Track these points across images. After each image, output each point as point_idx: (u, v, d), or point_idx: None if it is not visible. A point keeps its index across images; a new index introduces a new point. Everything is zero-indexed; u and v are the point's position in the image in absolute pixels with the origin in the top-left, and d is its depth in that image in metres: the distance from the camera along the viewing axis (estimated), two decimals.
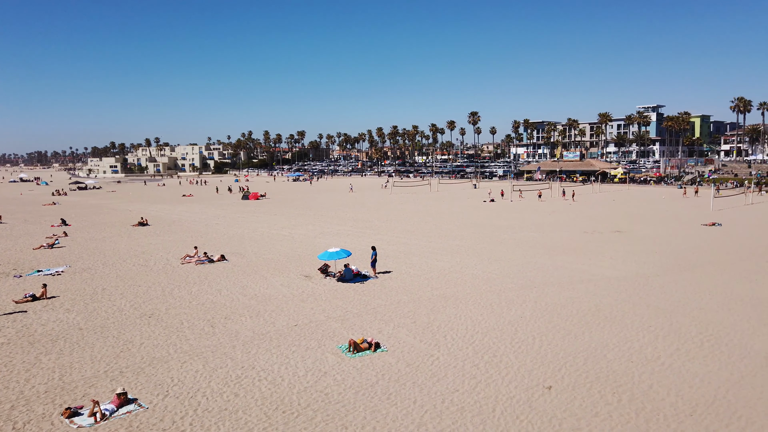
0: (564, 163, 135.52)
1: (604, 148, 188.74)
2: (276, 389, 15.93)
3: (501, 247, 39.17)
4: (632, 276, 29.44)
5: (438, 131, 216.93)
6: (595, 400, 14.93)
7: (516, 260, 34.15)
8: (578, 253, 36.17)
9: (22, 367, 17.76)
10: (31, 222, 58.41)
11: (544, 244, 39.89)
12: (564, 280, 28.78)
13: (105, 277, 30.85)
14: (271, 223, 54.68)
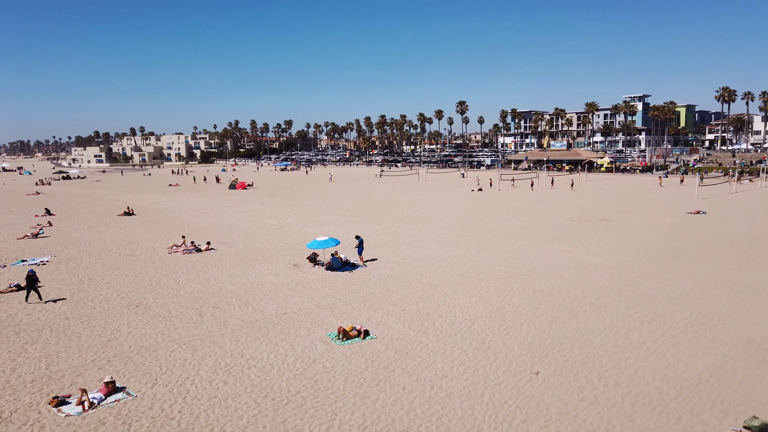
0: (551, 152, 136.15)
1: (590, 137, 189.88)
2: (265, 377, 15.95)
3: (489, 235, 39.35)
4: (618, 263, 29.75)
5: (426, 121, 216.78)
6: (582, 385, 15.12)
7: (503, 248, 34.35)
8: (565, 241, 36.46)
9: (7, 356, 17.60)
10: (14, 212, 57.65)
11: (531, 233, 40.14)
12: (551, 267, 29.02)
13: (91, 266, 30.57)
14: (259, 213, 54.44)
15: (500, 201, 62.87)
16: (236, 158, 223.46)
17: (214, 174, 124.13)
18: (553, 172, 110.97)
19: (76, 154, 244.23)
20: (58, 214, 54.37)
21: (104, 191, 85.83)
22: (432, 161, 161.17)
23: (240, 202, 65.77)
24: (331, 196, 71.09)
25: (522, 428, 12.86)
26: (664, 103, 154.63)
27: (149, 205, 63.30)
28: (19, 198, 74.64)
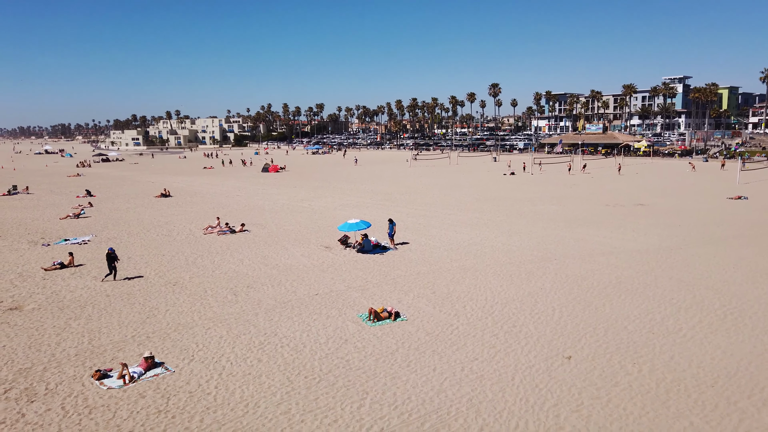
0: (586, 135, 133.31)
1: (627, 120, 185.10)
2: (298, 355, 16.25)
3: (521, 219, 38.96)
4: (654, 249, 29.13)
5: (458, 104, 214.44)
6: (615, 371, 14.96)
7: (536, 233, 33.98)
8: (599, 226, 35.84)
9: (53, 331, 18.34)
10: (57, 193, 59.54)
11: (564, 217, 39.57)
12: (584, 252, 28.60)
13: (130, 246, 31.47)
14: (291, 195, 55.00)
15: (533, 185, 62.04)
16: (268, 142, 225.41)
17: (241, 158, 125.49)
18: (589, 156, 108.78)
19: (115, 137, 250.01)
20: (98, 195, 55.96)
21: (142, 173, 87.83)
22: (463, 145, 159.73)
23: (272, 184, 66.53)
24: (362, 180, 71.27)
25: (553, 412, 12.83)
26: (706, 85, 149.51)
27: (185, 187, 64.58)
28: (61, 179, 77.00)
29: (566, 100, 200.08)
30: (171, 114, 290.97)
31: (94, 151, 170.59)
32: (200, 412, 13.05)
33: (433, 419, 12.60)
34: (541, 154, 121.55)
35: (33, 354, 16.50)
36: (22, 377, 14.98)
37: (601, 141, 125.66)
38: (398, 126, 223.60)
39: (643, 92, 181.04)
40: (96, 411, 13.19)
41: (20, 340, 17.53)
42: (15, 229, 37.08)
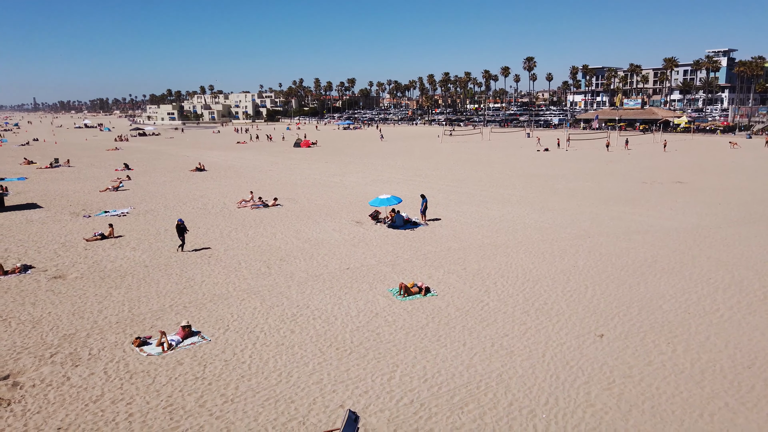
0: (624, 111, 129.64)
1: (668, 95, 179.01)
2: (330, 327, 16.52)
3: (554, 196, 38.39)
4: (692, 227, 28.40)
5: (491, 78, 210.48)
6: (649, 350, 14.79)
7: (570, 210, 33.47)
8: (635, 204, 35.07)
9: (95, 299, 19.03)
10: (96, 166, 61.13)
11: (599, 194, 38.83)
12: (619, 230, 28.09)
13: (167, 218, 32.22)
14: (323, 171, 55.27)
15: (567, 161, 60.89)
16: (300, 117, 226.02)
17: (266, 133, 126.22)
18: (626, 132, 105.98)
19: (151, 111, 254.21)
20: (135, 168, 57.24)
21: (177, 148, 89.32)
22: (496, 120, 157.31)
23: (304, 160, 66.91)
24: (393, 156, 71.06)
25: (584, 389, 12.80)
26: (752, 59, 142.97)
27: (219, 161, 65.49)
28: (100, 153, 78.92)
29: (604, 74, 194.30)
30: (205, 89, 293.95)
31: (131, 126, 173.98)
32: (235, 380, 13.45)
33: (463, 393, 12.72)
34: (576, 130, 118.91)
35: (77, 321, 17.18)
36: (66, 342, 15.64)
37: (639, 117, 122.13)
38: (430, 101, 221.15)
39: (684, 66, 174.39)
40: (136, 376, 13.72)
41: (64, 308, 18.26)
42: (58, 201, 38.32)
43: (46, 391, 13.03)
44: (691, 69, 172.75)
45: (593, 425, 11.38)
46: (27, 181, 49.31)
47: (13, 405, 12.41)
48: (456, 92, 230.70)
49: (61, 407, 12.29)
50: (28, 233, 28.80)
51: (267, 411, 12.10)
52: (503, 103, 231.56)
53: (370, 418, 11.77)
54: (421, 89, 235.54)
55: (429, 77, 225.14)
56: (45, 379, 13.59)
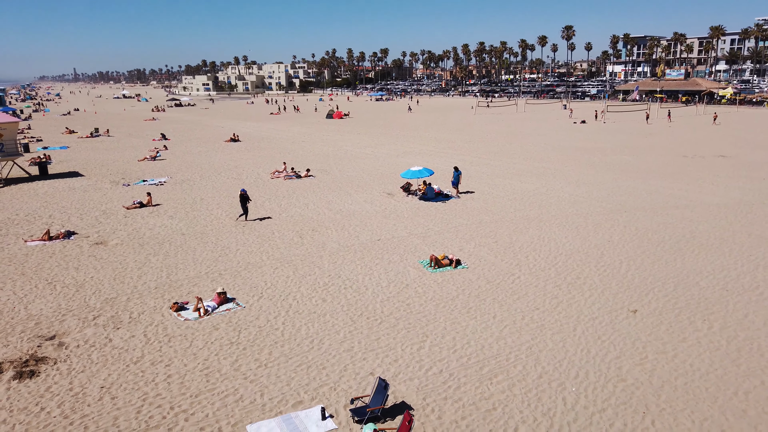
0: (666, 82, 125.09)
1: (713, 66, 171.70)
2: (360, 297, 16.74)
3: (590, 170, 37.60)
4: (734, 203, 27.53)
5: (528, 48, 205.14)
6: (684, 326, 14.56)
7: (606, 184, 32.78)
8: (675, 178, 34.11)
9: (134, 265, 19.67)
10: (134, 136, 62.42)
11: (637, 168, 37.86)
12: (657, 205, 27.42)
13: (202, 188, 32.84)
14: (355, 142, 55.24)
15: (604, 134, 59.37)
16: (332, 88, 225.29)
17: (293, 104, 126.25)
18: (667, 104, 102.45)
19: (186, 82, 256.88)
20: (172, 138, 58.25)
21: (212, 118, 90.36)
22: (532, 91, 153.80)
23: (336, 131, 66.93)
24: (425, 127, 70.46)
25: (615, 364, 12.72)
26: None
27: (252, 132, 66.07)
28: (138, 123, 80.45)
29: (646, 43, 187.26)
30: (239, 60, 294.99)
31: (168, 96, 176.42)
32: (269, 346, 13.81)
33: (492, 364, 12.79)
34: (615, 101, 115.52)
35: (117, 285, 17.82)
36: (108, 306, 16.27)
37: (681, 88, 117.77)
38: (464, 72, 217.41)
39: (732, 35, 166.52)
40: (174, 339, 14.21)
41: (106, 272, 18.94)
42: (98, 170, 39.40)
43: (90, 351, 13.63)
44: (739, 38, 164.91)
45: (623, 399, 11.33)
46: (69, 150, 50.75)
47: (59, 364, 13.04)
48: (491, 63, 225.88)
49: (103, 367, 12.86)
50: (71, 200, 29.78)
51: (299, 376, 12.42)
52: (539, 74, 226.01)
53: (399, 385, 11.97)
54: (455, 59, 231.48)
55: (463, 47, 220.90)
56: (88, 340, 14.21)
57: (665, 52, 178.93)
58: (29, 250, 21.45)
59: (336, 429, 10.57)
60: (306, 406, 11.31)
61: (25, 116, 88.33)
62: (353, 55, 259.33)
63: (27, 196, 31.08)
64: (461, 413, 10.97)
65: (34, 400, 11.57)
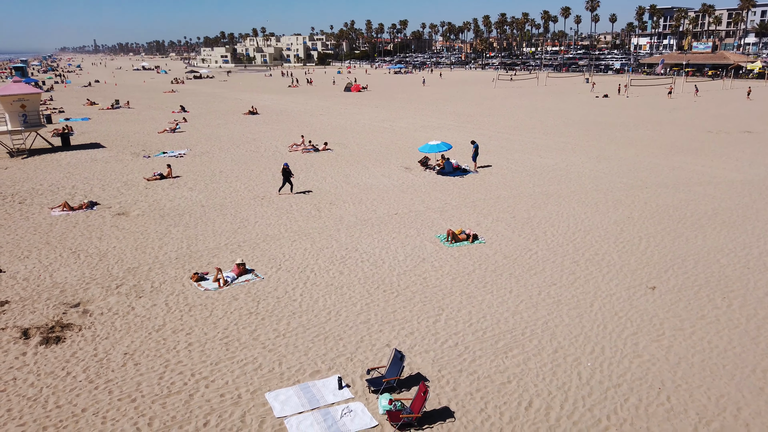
0: (692, 55, 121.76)
1: (742, 38, 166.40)
2: (377, 270, 16.85)
3: (611, 145, 37.02)
4: (760, 179, 26.96)
5: (550, 19, 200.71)
6: (702, 304, 14.45)
7: (627, 159, 32.28)
8: (699, 154, 33.46)
9: (155, 236, 19.99)
10: (154, 108, 62.76)
11: (660, 144, 37.17)
12: (680, 181, 26.99)
13: (221, 160, 33.05)
14: (373, 115, 54.94)
15: (627, 109, 58.22)
16: (351, 60, 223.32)
17: (306, 77, 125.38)
18: (693, 78, 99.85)
19: (205, 54, 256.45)
20: (191, 111, 58.47)
21: (230, 91, 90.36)
22: (554, 65, 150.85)
23: (355, 104, 66.57)
24: (444, 101, 69.74)
25: (632, 340, 12.71)
26: None
27: (271, 105, 66.01)
28: (158, 95, 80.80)
29: (672, 15, 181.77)
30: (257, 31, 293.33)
31: (187, 68, 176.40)
32: (287, 316, 14.03)
33: (507, 338, 12.87)
34: (639, 75, 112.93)
35: (139, 255, 18.15)
36: (130, 275, 16.61)
37: (708, 61, 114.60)
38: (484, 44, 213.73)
39: (763, 6, 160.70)
40: (195, 309, 14.50)
41: (128, 242, 19.29)
42: (119, 141, 39.80)
43: (113, 319, 13.98)
44: None
45: (639, 375, 11.35)
46: (90, 121, 51.26)
47: (84, 330, 13.41)
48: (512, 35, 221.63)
49: (126, 334, 13.20)
50: (93, 171, 30.21)
51: (316, 346, 12.63)
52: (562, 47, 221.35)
53: (415, 357, 12.12)
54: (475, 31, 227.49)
55: (484, 18, 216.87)
56: (112, 308, 14.56)
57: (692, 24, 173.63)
58: (53, 220, 21.90)
59: (352, 398, 10.77)
60: (323, 375, 11.53)
61: (47, 87, 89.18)
62: (372, 27, 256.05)
63: (50, 167, 31.59)
64: (476, 385, 11.10)
65: (60, 365, 11.94)
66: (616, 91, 76.98)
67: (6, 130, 35.12)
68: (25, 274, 16.69)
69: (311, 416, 10.24)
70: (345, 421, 10.08)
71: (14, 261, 17.76)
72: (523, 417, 10.15)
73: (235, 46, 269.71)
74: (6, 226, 21.18)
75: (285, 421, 10.12)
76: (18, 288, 15.78)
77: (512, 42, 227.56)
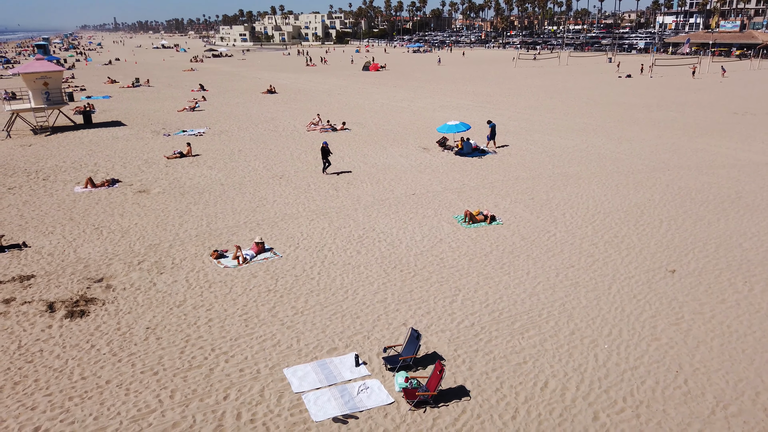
0: (719, 34, 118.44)
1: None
2: (394, 250, 16.91)
3: (634, 126, 36.40)
4: None
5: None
6: (723, 288, 14.29)
7: (649, 141, 31.75)
8: (723, 136, 32.77)
9: (176, 213, 20.25)
10: (174, 86, 63.04)
11: (684, 125, 36.46)
12: (703, 163, 26.51)
13: (240, 139, 33.21)
14: (391, 95, 54.59)
15: (651, 89, 57.06)
16: (369, 39, 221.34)
17: (320, 55, 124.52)
18: (720, 58, 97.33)
19: (224, 32, 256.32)
20: (210, 89, 58.63)
21: (249, 69, 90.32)
22: (576, 44, 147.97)
23: (373, 83, 66.16)
24: (463, 81, 68.97)
25: (650, 323, 12.65)
26: None
27: (289, 84, 65.90)
28: (177, 73, 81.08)
29: None
30: (275, 9, 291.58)
31: (206, 47, 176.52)
32: (305, 294, 14.19)
33: (524, 319, 12.89)
34: (664, 55, 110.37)
35: (160, 232, 18.43)
36: (152, 251, 16.89)
37: (736, 41, 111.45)
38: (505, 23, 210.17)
39: None
40: (215, 285, 14.73)
41: (149, 219, 19.58)
42: (140, 119, 40.15)
43: (135, 294, 14.27)
44: None
45: (657, 358, 11.32)
46: (111, 99, 51.70)
47: (107, 305, 13.71)
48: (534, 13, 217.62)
49: (148, 309, 13.47)
50: (114, 149, 30.57)
51: (334, 324, 12.78)
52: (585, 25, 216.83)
53: (431, 336, 12.21)
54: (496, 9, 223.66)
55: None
56: (134, 283, 14.85)
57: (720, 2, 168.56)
58: (77, 197, 22.27)
59: (369, 375, 10.92)
60: (340, 352, 11.68)
61: (68, 65, 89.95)
62: (391, 5, 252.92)
63: (73, 144, 32.03)
64: (492, 365, 11.17)
65: (84, 338, 12.26)
66: (639, 70, 75.39)
67: (29, 108, 35.61)
68: (50, 249, 17.07)
69: (328, 392, 10.41)
70: (362, 398, 10.24)
71: (39, 236, 18.15)
72: (538, 397, 10.22)
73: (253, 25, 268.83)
74: (31, 202, 21.62)
75: (303, 396, 10.31)
76: (43, 263, 16.16)
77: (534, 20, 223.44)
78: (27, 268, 15.84)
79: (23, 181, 24.48)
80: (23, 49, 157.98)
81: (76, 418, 9.75)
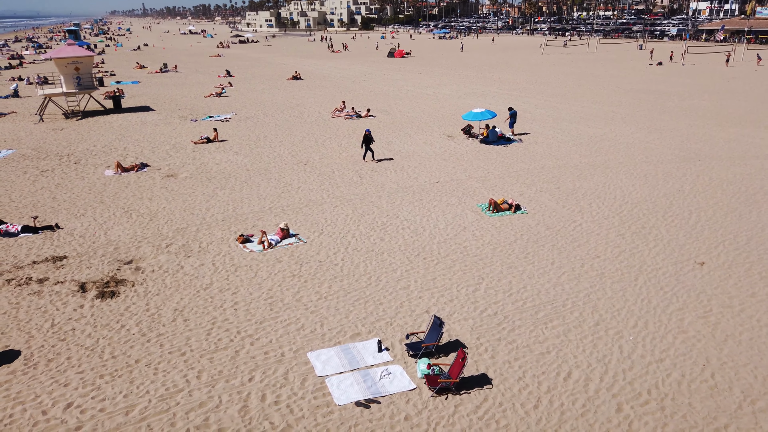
0: (755, 21, 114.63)
1: None
2: (418, 238, 16.93)
3: (664, 115, 35.62)
4: None
5: None
6: (754, 281, 14.00)
7: (680, 130, 31.06)
8: (757, 125, 31.87)
9: (202, 198, 20.55)
10: (201, 72, 63.58)
11: (716, 114, 35.55)
12: (735, 154, 25.86)
13: (266, 125, 33.43)
14: (416, 82, 54.26)
15: (682, 77, 55.67)
16: (395, 25, 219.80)
17: (342, 41, 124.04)
18: (755, 46, 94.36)
19: (250, 18, 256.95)
20: (236, 75, 58.99)
21: (274, 55, 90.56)
22: (606, 30, 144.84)
23: (398, 70, 65.81)
24: (489, 68, 68.17)
25: (677, 315, 12.48)
26: None
27: (314, 70, 65.93)
28: (204, 59, 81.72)
29: None
30: None
31: (232, 33, 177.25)
32: (329, 280, 14.33)
33: (548, 309, 12.82)
34: (697, 42, 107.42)
35: (187, 216, 18.74)
36: (179, 235, 17.20)
37: None
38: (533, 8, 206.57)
39: None
40: (240, 269, 14.95)
41: (177, 204, 19.91)
42: (168, 105, 40.67)
43: (164, 276, 14.57)
44: None
45: (683, 351, 11.18)
46: (139, 84, 52.42)
47: (136, 286, 14.04)
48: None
49: (176, 291, 13.75)
50: (143, 134, 31.06)
51: (357, 310, 12.89)
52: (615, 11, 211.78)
53: (454, 324, 12.24)
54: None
55: None
56: (162, 266, 15.16)
57: None
58: (107, 180, 22.74)
59: (391, 361, 11.01)
60: (363, 338, 11.79)
61: (98, 50, 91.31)
62: None
63: (103, 129, 32.62)
64: (514, 354, 11.16)
65: (114, 318, 12.59)
66: (668, 58, 73.54)
67: (61, 92, 36.32)
68: (81, 231, 17.50)
69: (351, 376, 10.54)
70: (384, 383, 10.34)
71: (71, 218, 18.61)
72: (561, 387, 10.19)
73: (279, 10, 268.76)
74: (63, 185, 22.15)
75: (326, 380, 10.46)
76: (75, 244, 16.58)
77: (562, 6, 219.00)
78: (60, 249, 16.27)
79: (55, 164, 25.06)
80: (55, 34, 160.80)
81: (106, 395, 10.05)
